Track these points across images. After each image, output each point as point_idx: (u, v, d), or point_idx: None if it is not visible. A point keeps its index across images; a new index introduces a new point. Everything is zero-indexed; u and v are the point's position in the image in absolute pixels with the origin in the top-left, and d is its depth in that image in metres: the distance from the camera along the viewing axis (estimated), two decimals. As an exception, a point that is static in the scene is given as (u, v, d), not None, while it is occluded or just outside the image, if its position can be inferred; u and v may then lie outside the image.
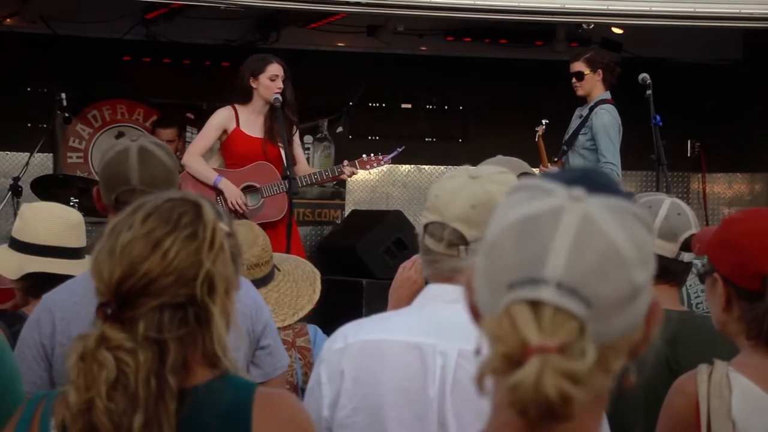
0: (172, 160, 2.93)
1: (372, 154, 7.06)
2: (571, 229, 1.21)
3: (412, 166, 10.11)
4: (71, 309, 2.79)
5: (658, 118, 6.76)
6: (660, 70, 9.68)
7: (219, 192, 6.71)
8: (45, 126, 8.63)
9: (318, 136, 9.83)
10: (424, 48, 10.00)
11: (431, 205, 2.33)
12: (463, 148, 10.10)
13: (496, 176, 2.38)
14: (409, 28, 9.21)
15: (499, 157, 3.51)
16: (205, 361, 1.92)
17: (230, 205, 6.69)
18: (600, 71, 7.12)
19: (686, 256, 3.10)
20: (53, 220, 3.44)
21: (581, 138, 7.15)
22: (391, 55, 9.69)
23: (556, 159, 7.24)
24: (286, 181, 6.66)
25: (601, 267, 1.20)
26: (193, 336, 1.90)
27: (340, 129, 9.98)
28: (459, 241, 2.29)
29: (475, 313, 1.29)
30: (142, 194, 2.82)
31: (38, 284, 3.36)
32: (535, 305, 1.20)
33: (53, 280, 3.30)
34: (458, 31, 9.78)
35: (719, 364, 2.36)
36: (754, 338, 2.36)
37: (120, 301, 1.89)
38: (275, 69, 6.62)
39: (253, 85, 6.64)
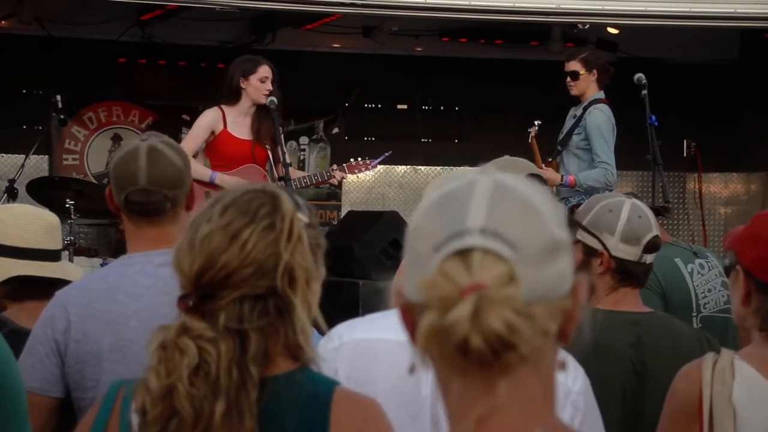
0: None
1: (359, 159, 7.06)
2: (486, 190, 1.27)
3: (408, 166, 10.12)
4: (87, 306, 2.78)
5: (653, 118, 6.75)
6: (656, 70, 9.68)
7: (213, 187, 6.67)
8: (40, 128, 8.63)
9: (314, 137, 9.83)
10: (419, 49, 10.01)
11: None
12: (459, 148, 10.11)
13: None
14: (404, 28, 9.21)
15: (506, 157, 3.51)
16: (287, 352, 1.92)
17: None
18: (595, 71, 7.11)
19: (648, 258, 3.10)
20: (35, 223, 3.41)
21: (575, 138, 7.14)
22: (387, 56, 9.70)
23: (550, 159, 7.22)
24: (280, 183, 6.66)
25: (519, 214, 1.25)
26: (275, 327, 1.90)
27: (336, 130, 9.98)
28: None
29: (406, 315, 1.30)
30: (151, 194, 2.84)
31: (18, 288, 3.33)
32: (463, 255, 1.23)
33: (33, 283, 3.30)
34: (454, 31, 9.79)
35: (725, 352, 2.41)
36: (766, 330, 2.40)
37: (200, 293, 1.90)
38: (265, 71, 6.62)
39: (243, 85, 6.64)
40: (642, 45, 9.81)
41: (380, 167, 9.34)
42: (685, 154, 10.51)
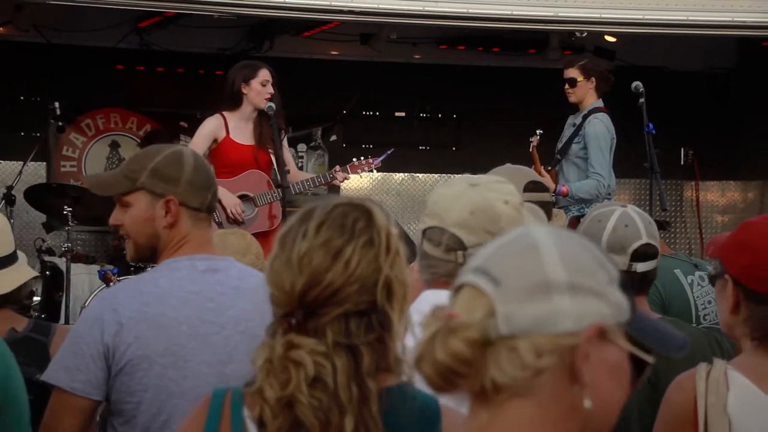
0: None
1: (362, 158, 7.06)
2: (515, 234, 1.40)
3: (406, 174, 10.11)
4: (139, 309, 2.76)
5: (651, 126, 6.75)
6: (653, 79, 9.69)
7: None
8: (38, 135, 8.62)
9: (311, 144, 9.83)
10: (417, 56, 10.01)
11: (430, 211, 2.35)
12: (456, 156, 10.12)
13: (494, 185, 2.42)
14: (402, 36, 9.22)
15: (507, 165, 3.54)
16: (388, 366, 1.94)
17: (230, 214, 6.66)
18: (593, 79, 7.11)
19: (639, 267, 3.10)
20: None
21: (574, 147, 7.14)
22: (385, 64, 9.70)
23: (549, 168, 7.21)
24: (279, 190, 6.64)
25: (516, 253, 1.34)
26: (381, 341, 1.92)
27: (333, 137, 9.98)
28: (457, 246, 2.32)
29: None
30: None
31: None
32: (458, 289, 1.38)
33: None
34: (452, 39, 9.80)
35: (718, 362, 2.40)
36: (758, 339, 2.39)
37: (304, 311, 1.91)
38: (266, 74, 6.62)
39: (244, 90, 6.64)
40: (640, 53, 9.82)
41: (378, 174, 9.34)
42: (682, 162, 10.52)
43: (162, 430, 2.73)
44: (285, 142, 6.90)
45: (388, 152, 7.12)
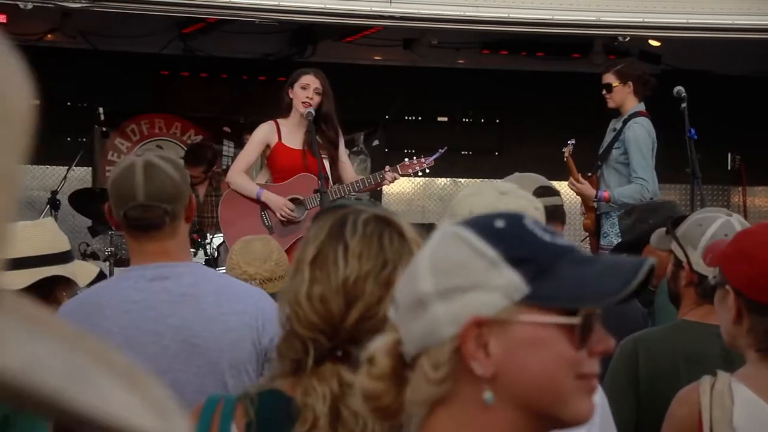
0: (180, 173, 2.90)
1: (414, 158, 6.94)
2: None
3: (449, 179, 10.10)
4: (82, 320, 2.77)
5: (692, 131, 6.66)
6: (700, 83, 9.59)
7: (264, 205, 6.70)
8: (83, 140, 8.72)
9: (354, 149, 9.84)
10: (460, 61, 9.99)
11: None
12: (499, 161, 10.08)
13: (520, 192, 2.41)
14: (445, 41, 9.20)
15: (516, 174, 3.53)
16: None
17: (280, 216, 6.67)
18: (631, 83, 7.01)
19: None
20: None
21: (615, 152, 7.05)
22: (428, 69, 9.70)
23: (590, 174, 7.14)
24: (317, 195, 6.63)
25: (405, 275, 1.37)
26: None
27: (376, 142, 9.99)
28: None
29: None
30: (149, 209, 2.85)
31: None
32: None
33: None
34: (495, 44, 9.76)
35: (722, 375, 2.36)
36: (763, 351, 2.35)
37: (348, 341, 1.87)
38: (307, 79, 6.58)
39: (291, 96, 6.66)
40: (686, 57, 9.72)
41: (420, 179, 9.33)
42: (729, 167, 10.41)
43: None
44: (342, 146, 6.87)
45: (441, 150, 6.92)
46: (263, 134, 6.73)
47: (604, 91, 7.08)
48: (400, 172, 6.83)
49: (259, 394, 1.93)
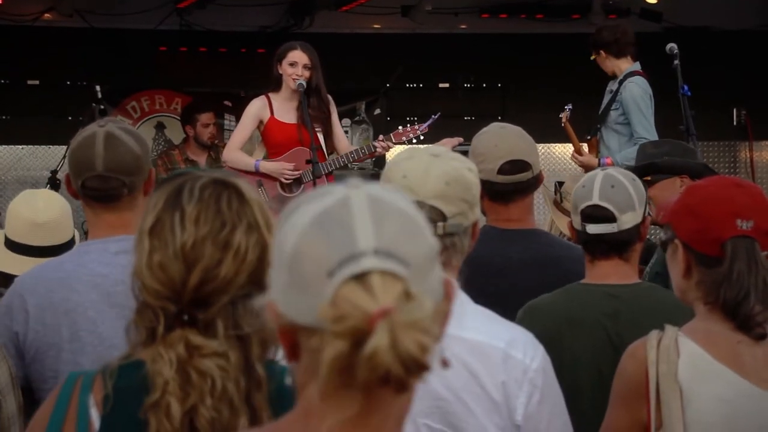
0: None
1: (408, 126, 6.92)
2: (364, 206, 1.26)
3: (453, 145, 10.04)
4: (44, 296, 2.78)
5: (685, 88, 6.57)
6: (703, 39, 9.52)
7: (262, 175, 6.66)
8: (82, 119, 8.69)
9: (356, 118, 9.78)
10: (463, 26, 9.92)
11: (400, 186, 2.29)
12: (503, 125, 10.00)
13: (451, 153, 2.39)
14: (444, 6, 9.13)
15: (495, 124, 3.48)
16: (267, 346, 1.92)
17: (284, 180, 6.63)
18: (602, 52, 6.95)
19: (591, 228, 3.03)
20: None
21: (613, 113, 6.99)
22: (427, 35, 9.63)
23: (589, 137, 7.09)
24: (319, 164, 6.56)
25: (403, 228, 1.27)
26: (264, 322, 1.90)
27: (377, 111, 9.94)
28: (438, 217, 2.29)
29: (285, 335, 1.29)
30: (108, 180, 2.81)
31: None
32: (360, 279, 1.22)
33: None
34: (494, 7, 9.70)
35: (669, 329, 2.36)
36: (710, 303, 2.36)
37: (193, 304, 1.88)
38: (294, 55, 6.51)
39: (280, 71, 6.60)
40: (688, 14, 9.64)
41: (422, 146, 9.27)
42: (735, 123, 10.34)
43: None
44: (335, 117, 6.80)
45: (434, 117, 6.92)
46: (255, 110, 6.67)
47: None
48: (394, 141, 6.80)
49: (119, 367, 1.91)
